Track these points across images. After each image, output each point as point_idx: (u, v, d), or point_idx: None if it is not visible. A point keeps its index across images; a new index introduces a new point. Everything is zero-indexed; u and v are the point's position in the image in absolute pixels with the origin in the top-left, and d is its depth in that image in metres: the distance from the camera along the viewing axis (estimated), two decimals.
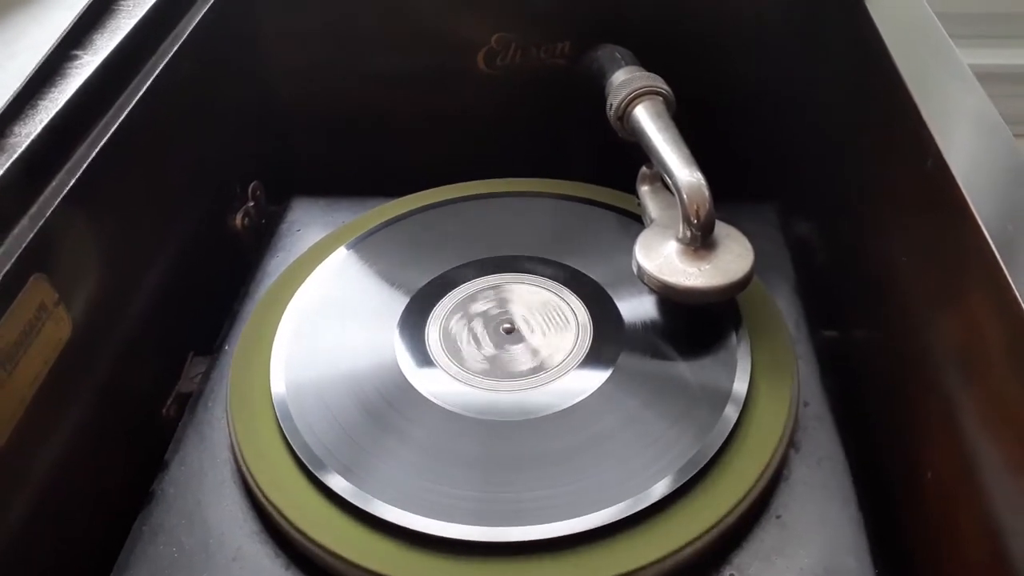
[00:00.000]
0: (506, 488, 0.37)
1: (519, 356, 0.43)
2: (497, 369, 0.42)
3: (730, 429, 0.38)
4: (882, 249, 0.43)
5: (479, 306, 0.46)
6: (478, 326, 0.45)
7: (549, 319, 0.45)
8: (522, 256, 0.49)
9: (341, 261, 0.49)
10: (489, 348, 0.44)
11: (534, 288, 0.47)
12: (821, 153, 0.53)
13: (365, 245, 0.50)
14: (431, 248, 0.50)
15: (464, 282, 0.47)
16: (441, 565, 0.35)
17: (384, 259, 0.49)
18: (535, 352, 0.43)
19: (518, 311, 0.46)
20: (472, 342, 0.44)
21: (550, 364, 0.42)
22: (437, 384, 0.42)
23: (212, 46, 0.51)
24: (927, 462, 0.36)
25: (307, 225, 0.57)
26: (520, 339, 0.44)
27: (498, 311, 0.46)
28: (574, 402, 0.40)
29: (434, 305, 0.46)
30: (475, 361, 0.43)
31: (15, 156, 0.35)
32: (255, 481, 0.38)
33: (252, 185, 0.57)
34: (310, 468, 0.38)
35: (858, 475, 0.40)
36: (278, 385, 0.42)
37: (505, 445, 0.39)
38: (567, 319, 0.45)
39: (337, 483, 0.37)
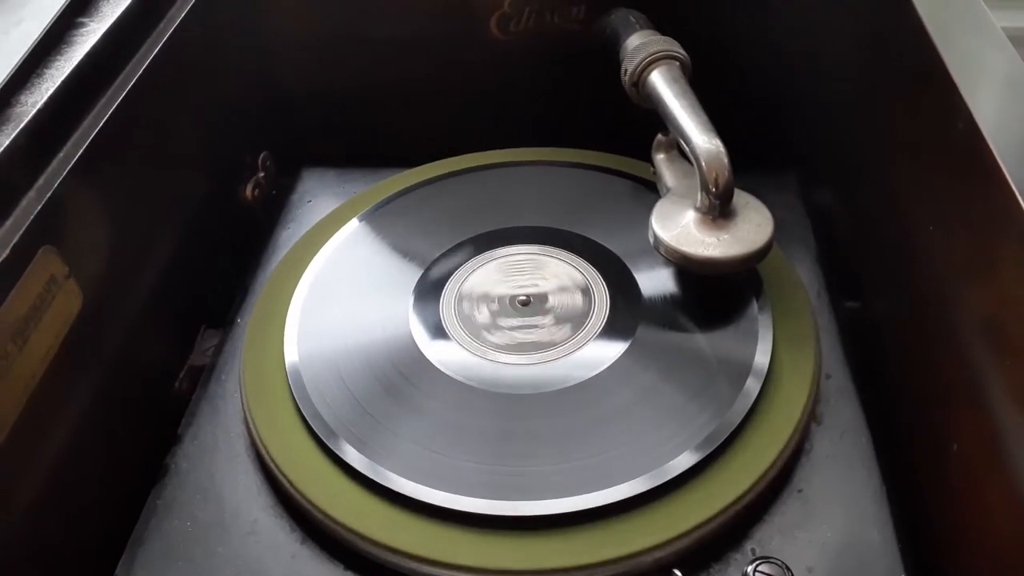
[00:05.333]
0: (523, 462, 0.37)
1: (535, 328, 0.42)
2: (512, 342, 0.42)
3: (752, 402, 0.38)
4: (907, 217, 0.42)
5: (494, 278, 0.45)
6: (493, 298, 0.44)
7: (565, 291, 0.44)
8: (537, 227, 0.48)
9: (354, 232, 0.49)
10: (504, 320, 0.43)
11: (550, 259, 0.46)
12: (843, 119, 0.52)
13: (378, 216, 0.50)
14: (445, 219, 0.49)
15: (479, 253, 0.47)
16: (459, 539, 0.34)
17: (397, 230, 0.49)
18: (551, 324, 0.43)
19: (533, 283, 0.45)
20: (487, 314, 0.43)
21: (566, 337, 0.42)
22: (452, 356, 0.41)
23: (219, 13, 0.50)
24: (952, 435, 0.36)
25: (318, 196, 0.56)
26: (536, 311, 0.43)
27: (513, 283, 0.45)
28: (591, 375, 0.40)
29: (449, 277, 0.45)
30: (490, 333, 0.42)
31: (21, 126, 0.35)
32: (270, 455, 0.38)
33: (262, 155, 0.57)
34: (325, 442, 0.37)
35: (881, 448, 0.39)
36: (292, 358, 0.41)
37: (521, 418, 0.38)
38: (583, 291, 0.44)
39: (352, 456, 0.37)
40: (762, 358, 0.40)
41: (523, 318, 0.43)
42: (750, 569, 0.33)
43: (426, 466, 0.36)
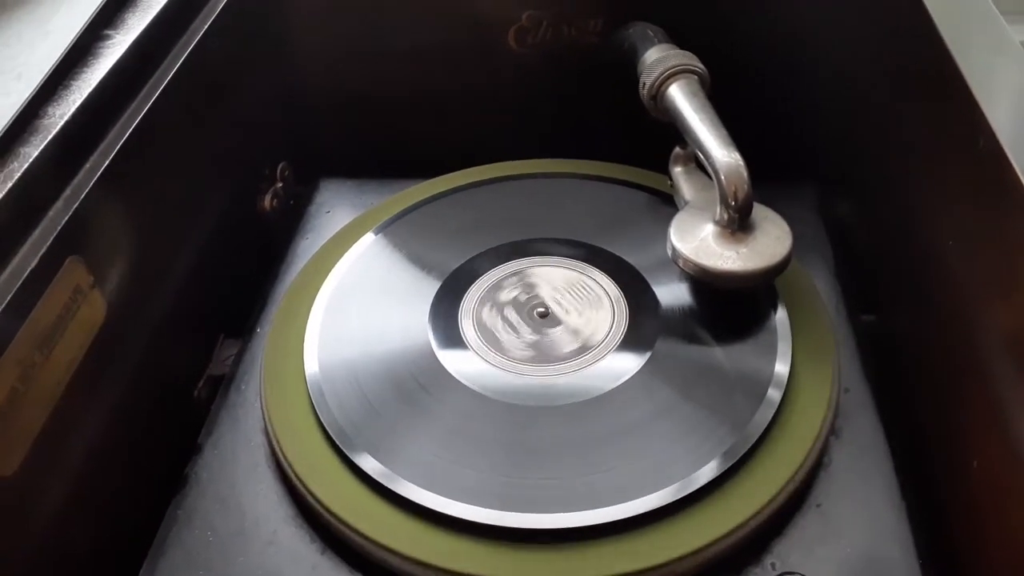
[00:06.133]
0: (542, 474, 0.36)
1: (554, 340, 0.42)
2: (532, 354, 0.42)
3: (771, 416, 0.38)
4: (927, 231, 0.42)
5: (512, 290, 0.45)
6: (511, 310, 0.44)
7: (584, 303, 0.44)
8: (555, 238, 0.48)
9: (373, 243, 0.49)
10: (523, 332, 0.43)
11: (568, 271, 0.46)
12: (861, 133, 0.52)
13: (396, 227, 0.50)
14: (463, 230, 0.49)
15: (497, 265, 0.47)
16: (479, 551, 0.34)
17: (416, 241, 0.49)
18: (570, 336, 0.43)
19: (552, 295, 0.45)
20: (506, 326, 0.43)
21: (586, 349, 0.42)
22: (472, 368, 0.41)
23: (240, 25, 0.51)
24: (974, 451, 0.36)
25: (336, 206, 0.56)
26: (554, 323, 0.43)
27: (531, 295, 0.45)
28: (610, 388, 0.40)
29: (467, 288, 0.45)
30: (509, 345, 0.42)
31: (50, 137, 0.35)
32: (290, 465, 0.38)
33: (280, 166, 0.57)
34: (345, 452, 0.37)
35: (901, 463, 0.39)
36: (312, 368, 0.41)
37: (540, 430, 0.38)
38: (602, 303, 0.44)
39: (373, 467, 0.37)
40: (781, 371, 0.40)
41: (541, 330, 0.43)
42: None
43: (445, 477, 0.36)
